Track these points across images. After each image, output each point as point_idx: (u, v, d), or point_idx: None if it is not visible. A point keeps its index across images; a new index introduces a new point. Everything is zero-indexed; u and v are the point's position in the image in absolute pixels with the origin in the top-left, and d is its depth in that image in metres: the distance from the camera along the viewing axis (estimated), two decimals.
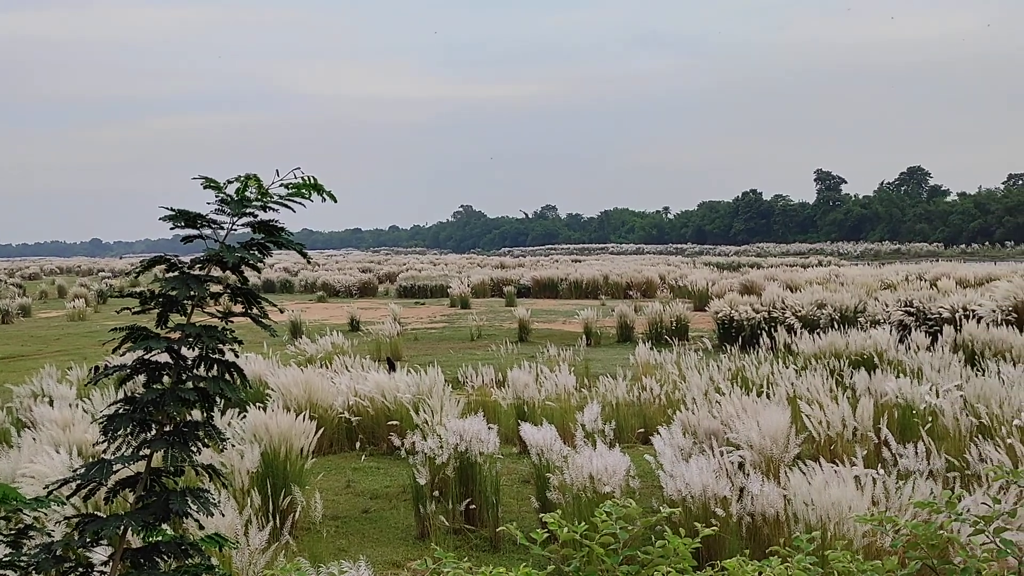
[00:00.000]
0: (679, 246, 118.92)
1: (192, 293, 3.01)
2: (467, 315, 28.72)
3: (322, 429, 9.05)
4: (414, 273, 48.67)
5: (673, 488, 6.35)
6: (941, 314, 17.22)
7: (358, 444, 10.72)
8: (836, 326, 16.13)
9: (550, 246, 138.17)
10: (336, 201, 3.05)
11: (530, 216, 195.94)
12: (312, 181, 3.00)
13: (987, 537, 3.24)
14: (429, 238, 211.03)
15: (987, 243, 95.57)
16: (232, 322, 3.20)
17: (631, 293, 35.81)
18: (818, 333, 13.94)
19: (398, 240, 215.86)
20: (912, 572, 3.21)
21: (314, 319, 26.95)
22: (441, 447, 7.73)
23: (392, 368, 12.86)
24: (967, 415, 8.31)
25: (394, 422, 9.91)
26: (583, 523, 3.39)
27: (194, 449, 3.05)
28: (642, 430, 10.51)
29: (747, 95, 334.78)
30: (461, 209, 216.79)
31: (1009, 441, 6.96)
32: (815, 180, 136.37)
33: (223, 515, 5.68)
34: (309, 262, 3.35)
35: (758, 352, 13.29)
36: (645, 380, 11.38)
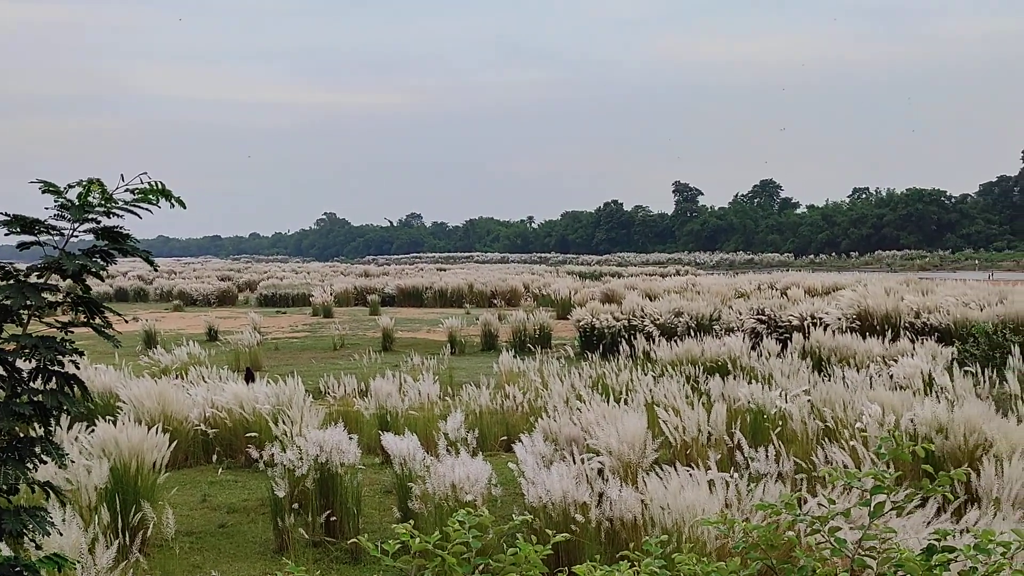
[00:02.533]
0: (543, 255, 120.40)
1: (28, 302, 2.86)
2: (330, 324, 28.31)
3: (176, 442, 8.74)
4: (275, 281, 47.62)
5: (534, 495, 6.40)
6: (791, 322, 17.92)
7: (215, 457, 10.41)
8: (693, 334, 16.62)
9: (415, 254, 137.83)
10: (185, 207, 2.94)
11: (395, 224, 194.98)
12: (160, 186, 2.89)
13: (822, 536, 3.38)
14: (291, 246, 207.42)
15: (834, 254, 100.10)
16: (74, 332, 3.05)
17: (496, 302, 36.03)
18: (675, 340, 14.30)
19: (259, 248, 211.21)
20: (753, 572, 3.32)
21: (170, 329, 26.10)
22: (301, 458, 7.58)
23: (251, 379, 12.55)
24: (814, 419, 8.66)
25: (253, 434, 9.66)
26: (437, 533, 3.38)
27: (30, 466, 2.89)
28: (505, 438, 10.55)
29: (610, 109, 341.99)
30: (324, 217, 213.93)
31: (852, 443, 7.29)
32: (673, 192, 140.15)
33: (61, 534, 5.40)
34: (156, 269, 3.22)
35: (618, 359, 13.55)
36: (508, 388, 11.44)
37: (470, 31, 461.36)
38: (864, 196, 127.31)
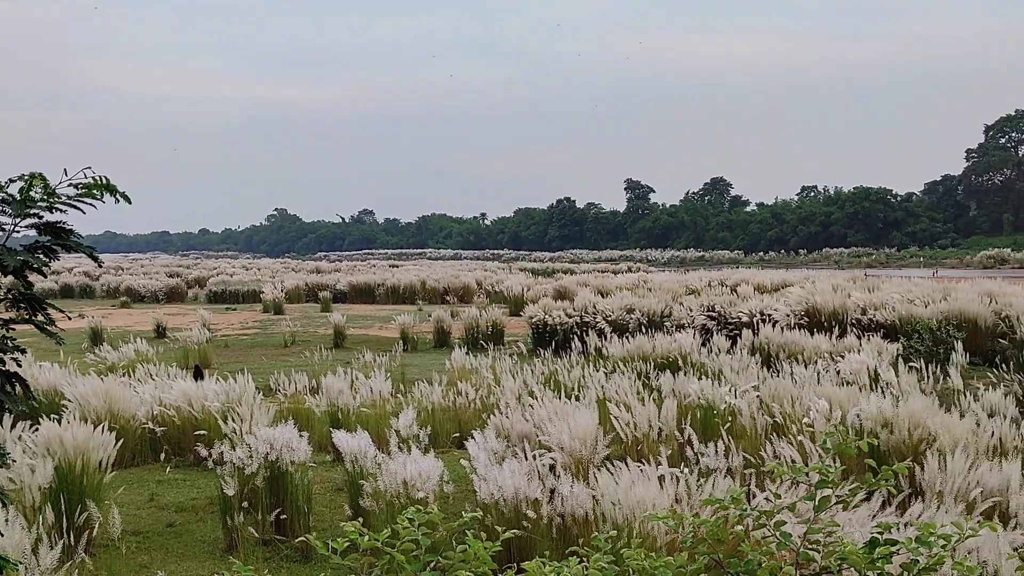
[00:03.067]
0: (496, 252, 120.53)
1: None
2: (281, 321, 28.07)
3: (123, 441, 8.62)
4: (225, 278, 47.11)
5: (486, 492, 6.40)
6: (741, 318, 18.10)
7: (163, 456, 10.27)
8: (644, 330, 16.72)
9: (367, 251, 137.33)
10: (130, 202, 2.90)
11: (347, 221, 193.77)
12: (104, 181, 2.84)
13: (769, 531, 3.43)
14: (242, 242, 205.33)
15: (783, 251, 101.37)
16: (16, 329, 2.99)
17: (448, 298, 35.97)
18: (627, 337, 14.38)
19: (209, 244, 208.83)
20: (700, 567, 3.36)
21: (117, 326, 25.71)
22: (251, 456, 7.51)
23: (200, 376, 12.41)
24: (763, 414, 8.76)
25: (201, 432, 9.55)
26: (387, 530, 3.36)
27: None
28: (457, 435, 10.55)
29: (562, 106, 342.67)
30: (276, 212, 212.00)
31: (800, 438, 7.38)
32: (625, 189, 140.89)
33: (2, 535, 5.29)
34: (100, 265, 3.16)
35: (570, 356, 13.60)
36: (461, 385, 11.43)
37: (425, 27, 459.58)
38: (812, 194, 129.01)
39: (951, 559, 3.43)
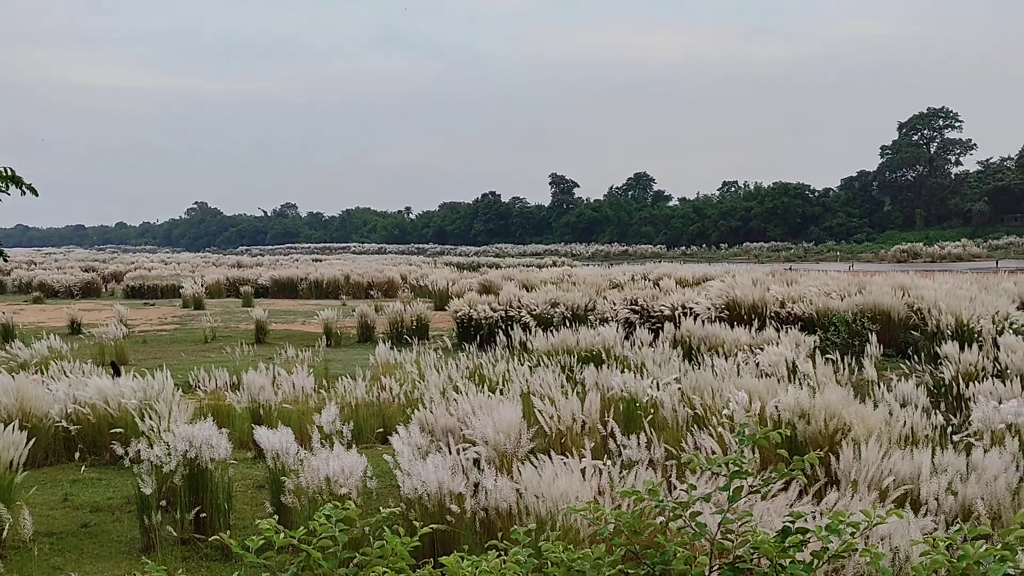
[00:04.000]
0: (421, 246, 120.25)
1: None
2: (201, 316, 27.56)
3: (35, 440, 8.37)
4: (143, 272, 46.12)
5: (410, 487, 6.37)
6: (663, 312, 18.32)
7: (77, 455, 9.99)
8: (568, 324, 16.80)
9: (290, 245, 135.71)
10: (36, 194, 2.80)
11: (269, 214, 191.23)
12: (9, 172, 2.74)
13: (684, 521, 3.48)
14: (160, 236, 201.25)
15: (704, 245, 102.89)
16: None
17: (372, 293, 35.76)
18: (552, 331, 14.43)
19: (126, 238, 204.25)
20: (618, 559, 3.39)
21: (29, 322, 24.98)
22: (169, 454, 7.36)
23: (117, 373, 12.13)
24: (684, 406, 8.88)
25: (118, 430, 9.34)
26: (303, 528, 3.33)
27: None
28: (381, 430, 10.49)
29: (488, 100, 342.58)
30: (195, 206, 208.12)
31: (720, 430, 7.50)
32: (550, 184, 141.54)
33: None
34: (6, 260, 3.05)
35: (495, 350, 13.61)
36: (385, 380, 11.36)
37: (349, 19, 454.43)
38: (733, 189, 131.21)
39: (863, 544, 3.52)
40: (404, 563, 3.20)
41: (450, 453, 6.77)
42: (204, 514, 7.42)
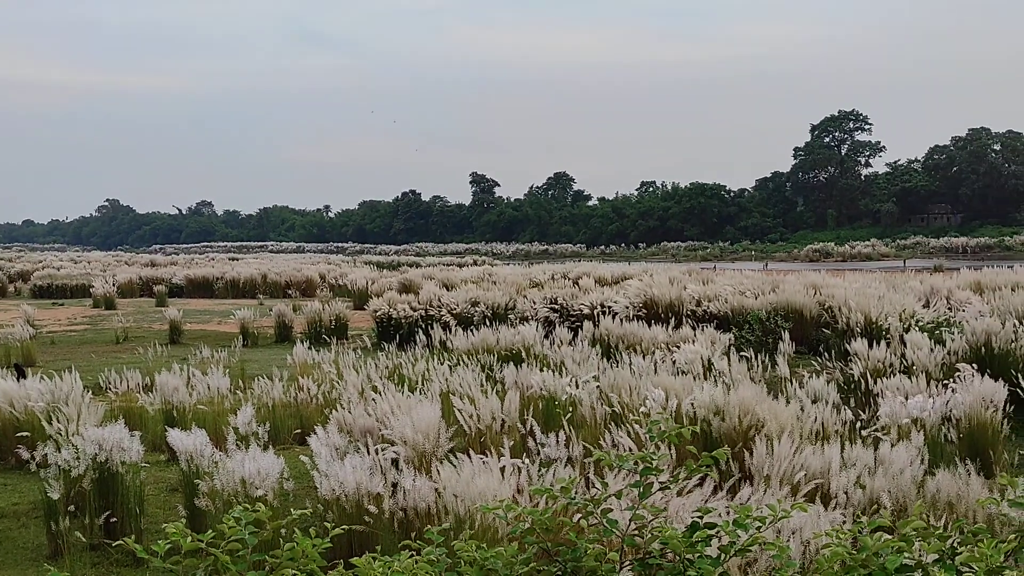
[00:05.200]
0: (340, 245, 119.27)
1: None
2: (112, 316, 26.87)
3: None
4: (51, 271, 44.77)
5: (327, 488, 6.32)
6: (582, 310, 18.45)
7: None
8: (489, 323, 16.82)
9: (206, 244, 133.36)
10: None
11: (184, 212, 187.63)
12: None
13: (595, 518, 3.52)
14: (70, 234, 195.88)
15: (623, 244, 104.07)
16: None
17: (291, 292, 35.33)
18: (472, 330, 14.41)
19: (34, 236, 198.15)
20: (530, 556, 3.41)
21: None
22: (77, 458, 7.17)
23: (21, 375, 11.75)
24: (603, 404, 8.95)
25: (24, 433, 9.04)
26: (211, 531, 3.27)
27: None
28: (299, 431, 10.36)
29: (409, 98, 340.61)
30: (107, 203, 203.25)
31: (637, 427, 7.58)
32: (471, 183, 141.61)
33: None
34: None
35: (415, 349, 13.56)
36: (303, 380, 11.23)
37: (266, 14, 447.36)
38: (651, 190, 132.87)
39: (775, 538, 3.60)
40: (315, 565, 3.17)
41: (368, 453, 6.72)
42: (115, 519, 7.25)
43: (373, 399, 8.75)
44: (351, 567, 3.23)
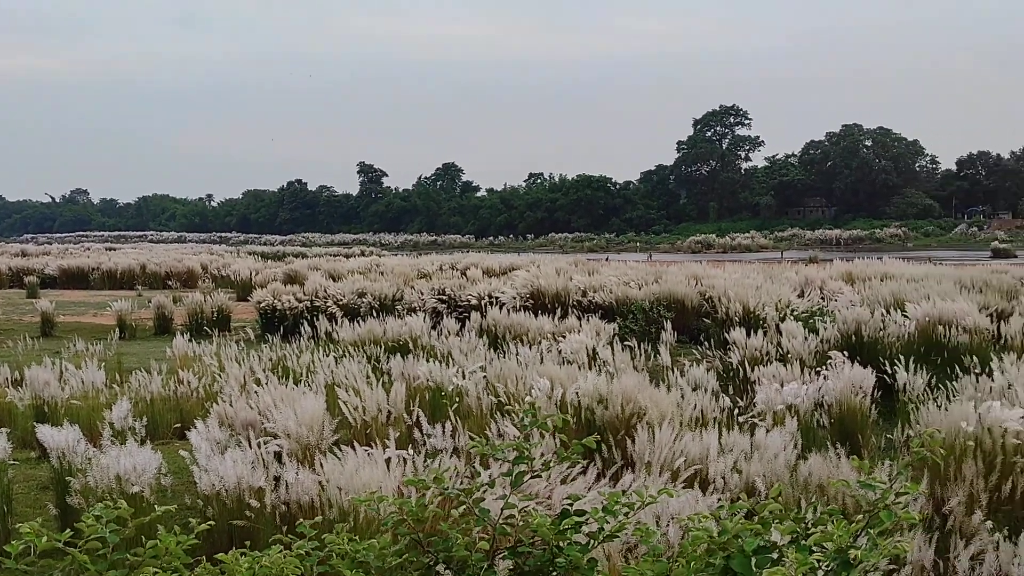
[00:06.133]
0: (224, 235, 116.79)
1: None
2: None
3: None
4: None
5: (207, 483, 6.18)
6: (470, 301, 18.48)
7: None
8: (376, 314, 16.67)
9: (81, 233, 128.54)
10: None
11: (58, 200, 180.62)
12: None
13: (468, 508, 3.54)
14: None
15: (512, 235, 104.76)
16: None
17: (171, 283, 34.43)
18: (359, 321, 14.29)
19: None
20: (402, 548, 3.41)
21: None
22: None
23: None
24: (489, 394, 8.99)
25: None
26: (68, 530, 3.17)
27: None
28: (179, 425, 10.08)
29: (293, 86, 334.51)
30: None
31: (522, 416, 7.64)
32: (358, 173, 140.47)
33: None
34: None
35: (300, 341, 13.36)
36: (183, 373, 10.94)
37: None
38: (539, 181, 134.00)
39: (655, 522, 3.69)
40: (179, 562, 3.09)
41: (251, 447, 6.61)
42: None
43: (256, 392, 8.60)
44: (218, 563, 3.17)
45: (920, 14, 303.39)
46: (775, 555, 3.08)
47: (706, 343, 13.25)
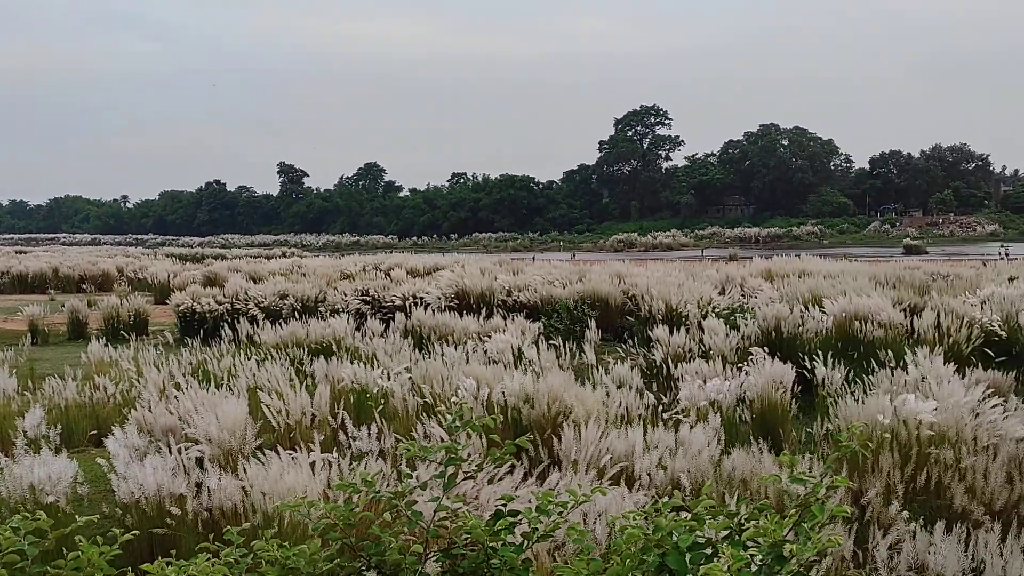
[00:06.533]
0: (140, 237, 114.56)
1: None
2: None
3: None
4: None
5: (126, 490, 6.02)
6: (394, 302, 18.38)
7: None
8: (298, 316, 16.46)
9: None
10: None
11: None
12: None
13: (401, 510, 3.51)
14: None
15: (436, 235, 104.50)
16: None
17: (85, 287, 33.55)
18: (281, 323, 14.10)
19: None
20: (334, 553, 3.37)
21: None
22: None
23: None
24: (414, 395, 8.93)
25: None
26: None
27: None
28: (95, 432, 9.81)
29: (210, 85, 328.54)
30: None
31: (448, 417, 7.60)
32: (279, 173, 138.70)
33: None
34: None
35: (221, 344, 13.11)
36: (99, 379, 10.65)
37: None
38: (463, 181, 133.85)
39: (582, 520, 3.70)
40: (102, 573, 3.00)
41: (171, 453, 6.46)
42: None
43: (175, 396, 8.42)
44: (144, 574, 3.08)
45: (831, 20, 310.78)
46: (709, 551, 3.10)
47: (630, 341, 13.36)
